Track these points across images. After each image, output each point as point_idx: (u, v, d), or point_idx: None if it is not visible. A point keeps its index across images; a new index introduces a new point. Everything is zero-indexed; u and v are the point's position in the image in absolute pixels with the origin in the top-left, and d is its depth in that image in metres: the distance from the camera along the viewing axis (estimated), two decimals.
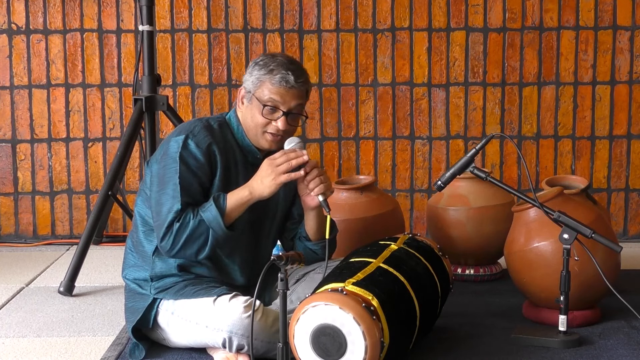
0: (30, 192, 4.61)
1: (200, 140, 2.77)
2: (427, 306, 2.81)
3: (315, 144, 4.60)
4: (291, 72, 2.76)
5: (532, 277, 3.12)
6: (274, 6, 4.51)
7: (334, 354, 2.49)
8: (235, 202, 2.73)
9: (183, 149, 2.75)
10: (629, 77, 4.54)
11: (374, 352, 2.47)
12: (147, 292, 2.84)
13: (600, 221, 3.11)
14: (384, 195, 3.81)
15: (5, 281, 3.84)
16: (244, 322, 2.65)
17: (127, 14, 4.52)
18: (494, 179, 2.92)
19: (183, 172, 2.74)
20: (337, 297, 2.50)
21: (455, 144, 4.60)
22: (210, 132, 2.80)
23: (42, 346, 3.00)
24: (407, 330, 2.66)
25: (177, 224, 2.71)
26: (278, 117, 2.77)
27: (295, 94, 2.77)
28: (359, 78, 4.56)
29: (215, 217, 2.70)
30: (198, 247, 2.73)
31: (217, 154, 2.78)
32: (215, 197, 2.73)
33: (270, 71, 2.77)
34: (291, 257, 2.42)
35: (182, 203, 2.72)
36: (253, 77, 2.80)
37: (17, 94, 4.56)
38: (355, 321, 2.46)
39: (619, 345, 2.91)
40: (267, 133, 2.80)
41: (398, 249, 2.88)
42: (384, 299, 2.56)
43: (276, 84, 2.75)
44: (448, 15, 4.52)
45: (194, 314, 2.74)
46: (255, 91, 2.78)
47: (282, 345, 2.33)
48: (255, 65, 2.81)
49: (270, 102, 2.76)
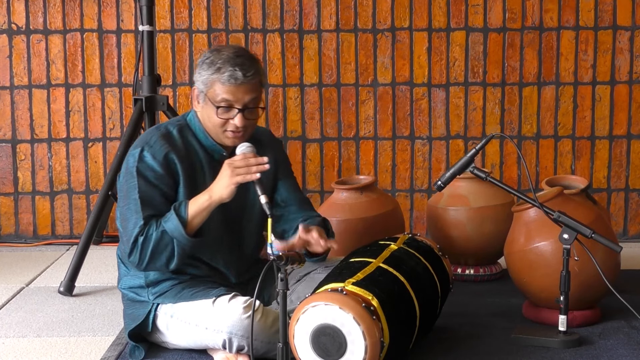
0: (30, 192, 4.61)
1: (156, 151, 2.73)
2: (427, 306, 2.81)
3: (315, 144, 4.60)
4: (239, 67, 2.69)
5: (532, 277, 3.12)
6: (274, 6, 4.51)
7: (334, 354, 2.49)
8: (197, 208, 2.69)
9: (139, 163, 2.72)
10: (629, 77, 4.54)
11: (373, 351, 2.47)
12: (146, 299, 2.84)
13: (600, 221, 3.11)
14: (384, 195, 3.81)
15: (5, 281, 3.84)
16: (243, 323, 2.65)
17: (127, 14, 4.52)
18: (494, 179, 2.92)
19: (142, 186, 2.71)
20: (337, 297, 2.50)
21: (455, 144, 4.60)
22: (168, 140, 2.76)
23: (42, 346, 3.00)
24: (407, 330, 2.66)
25: (141, 237, 2.69)
26: (234, 115, 2.72)
27: (247, 89, 2.71)
28: (359, 78, 4.56)
29: (176, 227, 2.66)
30: (166, 258, 2.70)
31: (177, 162, 2.74)
32: (175, 206, 2.70)
33: (218, 69, 2.69)
34: (291, 257, 2.42)
35: (144, 217, 2.69)
36: (202, 77, 2.73)
37: (17, 94, 4.56)
38: (355, 321, 2.46)
39: (619, 345, 2.91)
40: (228, 131, 2.75)
41: (398, 249, 2.88)
42: (383, 299, 2.56)
43: (226, 83, 2.68)
44: (448, 15, 4.52)
45: (193, 316, 2.74)
46: (207, 92, 2.73)
47: (282, 345, 2.33)
48: (203, 65, 2.74)
49: (223, 102, 2.70)
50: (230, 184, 2.66)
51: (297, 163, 4.58)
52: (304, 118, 4.58)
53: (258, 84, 2.75)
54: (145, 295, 2.84)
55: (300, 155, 4.59)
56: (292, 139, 4.59)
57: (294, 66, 4.55)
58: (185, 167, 2.76)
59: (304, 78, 4.56)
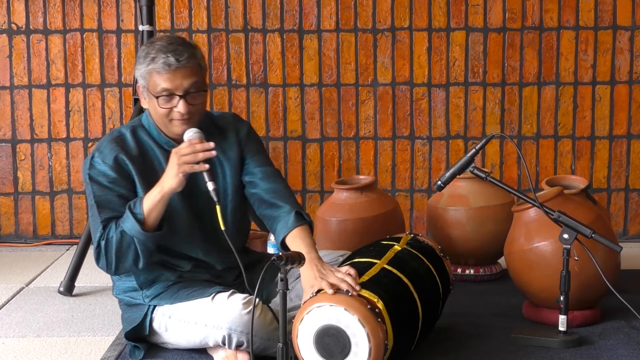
0: (30, 192, 4.61)
1: (105, 156, 2.74)
2: (429, 307, 2.81)
3: (315, 144, 4.60)
4: (171, 53, 2.68)
5: (532, 277, 3.12)
6: (274, 6, 4.51)
7: (337, 355, 2.49)
8: (150, 203, 2.67)
9: (90, 169, 2.74)
10: (629, 77, 4.54)
11: (377, 353, 2.47)
12: (141, 301, 2.84)
13: (600, 221, 3.11)
14: (384, 195, 3.81)
15: (5, 281, 3.84)
16: (243, 319, 2.65)
17: (127, 14, 4.52)
18: (494, 179, 2.92)
19: (96, 191, 2.72)
20: (343, 299, 2.50)
21: (455, 144, 4.60)
22: (118, 143, 2.77)
23: (42, 346, 3.00)
24: (409, 331, 2.66)
25: (103, 242, 2.69)
26: (176, 102, 2.70)
27: (184, 73, 2.69)
28: (359, 78, 4.56)
29: (133, 226, 2.66)
30: (132, 257, 2.70)
31: (127, 162, 2.74)
32: (130, 205, 2.69)
33: (152, 60, 2.69)
34: (291, 257, 2.41)
35: (102, 221, 2.70)
36: (140, 72, 2.74)
37: (17, 94, 4.56)
38: (360, 323, 2.46)
39: (619, 345, 2.91)
40: (174, 120, 2.74)
41: (401, 250, 2.88)
42: (388, 301, 2.56)
43: (161, 71, 2.68)
44: (448, 15, 4.52)
45: (192, 314, 2.74)
46: (148, 85, 2.73)
47: (282, 345, 2.33)
48: (139, 59, 2.75)
49: (163, 91, 2.70)
50: (178, 172, 2.65)
51: (297, 163, 4.58)
52: (304, 118, 4.58)
53: (196, 67, 2.74)
54: (140, 298, 2.84)
55: (300, 155, 4.59)
56: (292, 139, 4.59)
57: (294, 66, 4.55)
58: (139, 167, 2.76)
59: (304, 78, 4.56)
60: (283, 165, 4.55)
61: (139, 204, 2.68)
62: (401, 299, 2.66)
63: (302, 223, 2.79)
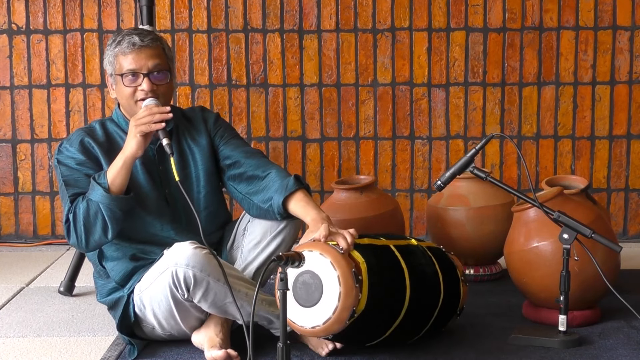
0: (30, 192, 4.61)
1: (72, 141, 2.86)
2: (419, 309, 2.76)
3: (315, 144, 4.60)
4: (136, 34, 2.84)
5: (532, 277, 3.12)
6: (274, 6, 4.51)
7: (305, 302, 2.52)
8: (114, 170, 2.75)
9: (58, 155, 2.86)
10: (628, 77, 4.54)
11: (342, 313, 2.48)
12: (122, 293, 2.89)
13: (600, 221, 3.11)
14: (384, 195, 3.81)
15: (5, 281, 3.84)
16: (189, 253, 2.67)
17: (127, 14, 4.52)
18: (494, 179, 2.92)
19: (64, 171, 2.83)
20: (332, 252, 2.52)
21: (455, 144, 4.60)
22: (86, 130, 2.90)
23: (42, 346, 3.00)
24: (383, 317, 2.63)
25: (71, 215, 2.76)
26: (141, 80, 2.82)
27: (148, 54, 2.82)
28: (359, 78, 4.56)
29: (98, 191, 2.72)
30: (101, 227, 2.74)
31: (94, 145, 2.85)
32: (94, 177, 2.77)
33: (118, 43, 2.84)
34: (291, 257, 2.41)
35: (70, 196, 2.78)
36: (108, 58, 2.87)
37: (17, 94, 4.56)
38: (337, 280, 2.48)
39: (618, 345, 2.91)
40: (139, 101, 2.83)
41: (417, 246, 2.87)
42: (373, 272, 2.56)
43: (126, 51, 2.81)
44: (448, 15, 4.52)
45: (152, 272, 2.78)
46: (115, 69, 2.85)
47: (282, 345, 2.33)
48: (107, 48, 2.89)
49: (128, 71, 2.81)
50: (136, 133, 2.73)
51: (297, 163, 4.58)
52: (304, 118, 4.58)
53: (161, 51, 2.86)
54: (121, 291, 2.89)
55: (300, 155, 4.59)
56: (292, 139, 4.59)
57: (294, 66, 4.55)
58: (105, 152, 2.85)
59: (304, 78, 4.56)
60: (283, 166, 4.55)
61: (103, 175, 2.77)
62: (389, 278, 2.64)
63: (301, 187, 2.82)
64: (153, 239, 2.90)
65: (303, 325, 2.56)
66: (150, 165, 2.90)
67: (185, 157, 2.95)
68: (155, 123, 2.73)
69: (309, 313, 2.54)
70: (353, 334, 2.59)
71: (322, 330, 2.53)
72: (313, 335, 2.60)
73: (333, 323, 2.51)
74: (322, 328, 2.53)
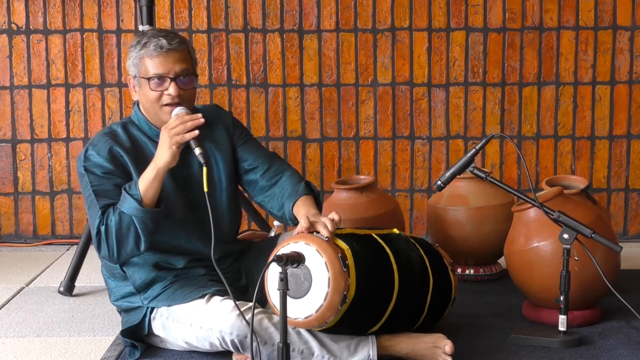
0: (30, 192, 4.61)
1: (100, 149, 2.77)
2: (411, 292, 2.74)
3: (315, 144, 4.60)
4: (162, 37, 2.75)
5: (532, 277, 3.12)
6: (274, 6, 4.51)
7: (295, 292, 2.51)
8: (146, 181, 2.69)
9: (85, 162, 2.78)
10: (629, 77, 4.54)
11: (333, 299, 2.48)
12: (140, 304, 2.84)
13: (600, 221, 3.11)
14: (384, 195, 3.82)
15: (5, 281, 3.84)
16: (232, 321, 2.63)
17: (127, 14, 4.52)
18: (494, 179, 2.92)
19: (93, 180, 2.75)
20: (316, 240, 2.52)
21: (455, 144, 4.60)
22: (111, 136, 2.81)
23: (42, 346, 3.00)
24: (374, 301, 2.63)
25: (102, 227, 2.70)
26: (168, 85, 2.75)
27: (176, 58, 2.75)
28: (359, 78, 4.56)
29: (131, 203, 2.67)
30: (133, 240, 2.70)
31: (123, 154, 2.78)
32: (126, 188, 2.71)
33: (144, 45, 2.76)
34: (291, 257, 2.41)
35: (101, 207, 2.71)
36: (132, 60, 2.79)
37: (17, 94, 4.56)
38: (325, 266, 2.48)
39: (618, 345, 2.91)
40: (164, 106, 2.78)
41: (399, 234, 2.87)
42: (358, 257, 2.56)
43: (153, 54, 2.74)
44: (448, 15, 4.52)
45: (187, 316, 2.74)
46: (139, 72, 2.78)
47: (282, 345, 2.33)
48: (131, 48, 2.81)
49: (154, 74, 2.75)
50: (171, 145, 2.68)
51: (297, 163, 4.58)
52: (304, 118, 4.58)
53: (187, 54, 2.80)
54: (138, 301, 2.85)
55: (300, 155, 4.59)
56: (292, 139, 4.59)
57: (294, 66, 4.55)
58: (133, 159, 2.79)
59: (304, 78, 4.56)
60: None
61: (135, 186, 2.70)
62: (374, 263, 2.64)
63: (308, 193, 2.84)
64: (178, 248, 2.85)
65: (297, 318, 2.55)
66: (175, 172, 2.81)
67: (208, 159, 2.86)
68: (189, 132, 2.69)
69: (300, 304, 2.53)
70: (349, 321, 2.59)
71: (316, 319, 2.53)
72: (308, 326, 2.58)
73: (326, 310, 2.51)
74: (316, 317, 2.52)
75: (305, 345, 2.65)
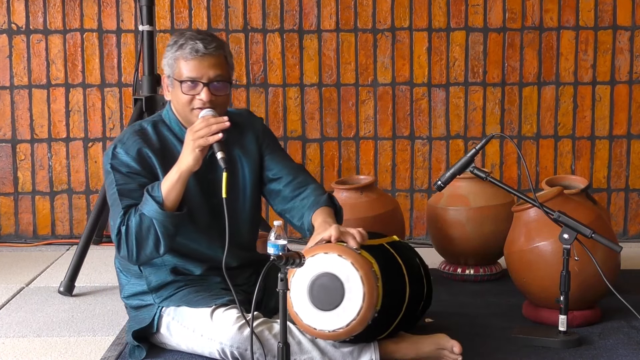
0: (30, 192, 4.61)
1: (129, 147, 2.73)
2: (414, 298, 2.77)
3: (315, 144, 4.60)
4: (200, 40, 2.69)
5: (532, 277, 3.12)
6: (274, 6, 4.51)
7: (327, 305, 2.49)
8: (168, 183, 2.65)
9: (113, 159, 2.72)
10: (629, 77, 4.54)
11: (366, 314, 2.47)
12: (152, 301, 2.83)
13: (600, 221, 3.11)
14: (384, 195, 3.82)
15: (5, 281, 3.84)
16: (232, 334, 2.62)
17: (127, 14, 4.52)
18: (494, 179, 2.92)
19: (119, 179, 2.71)
20: (350, 253, 2.51)
21: (455, 144, 4.60)
22: (141, 135, 2.76)
23: (42, 346, 3.00)
24: (394, 309, 2.64)
25: (123, 227, 2.67)
26: (200, 89, 2.70)
27: (211, 63, 2.70)
28: (359, 78, 4.56)
29: (152, 206, 2.64)
30: (153, 242, 2.67)
31: (151, 155, 2.74)
32: (148, 189, 2.67)
33: (180, 46, 2.70)
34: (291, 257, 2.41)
35: (123, 207, 2.68)
36: (167, 59, 2.74)
37: (17, 94, 4.56)
38: (360, 280, 2.46)
39: (618, 345, 2.91)
40: (195, 109, 2.73)
41: (399, 241, 2.89)
42: (383, 269, 2.56)
43: (188, 57, 2.68)
44: (448, 15, 4.52)
45: (191, 321, 2.73)
46: (174, 72, 2.73)
47: (282, 345, 2.33)
48: (167, 47, 2.75)
49: (188, 77, 2.70)
50: (194, 148, 2.64)
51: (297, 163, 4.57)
52: (304, 118, 4.58)
53: (223, 60, 2.74)
54: (150, 299, 2.83)
55: (300, 155, 4.59)
56: (292, 139, 4.59)
57: (294, 66, 4.55)
58: (161, 160, 2.75)
59: (304, 78, 4.56)
60: None
61: (157, 187, 2.66)
62: (394, 274, 2.64)
63: (329, 205, 2.81)
64: (197, 254, 2.83)
65: (323, 329, 2.53)
66: (200, 175, 2.76)
67: (235, 164, 2.84)
68: (213, 135, 2.63)
69: (328, 316, 2.51)
70: (369, 332, 2.59)
71: (345, 333, 2.51)
72: (333, 338, 2.56)
73: (357, 324, 2.50)
74: (345, 330, 2.51)
75: (306, 355, 2.64)
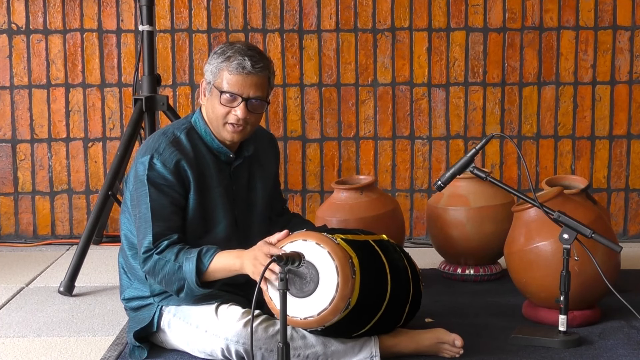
0: (30, 192, 4.61)
1: (166, 159, 2.70)
2: (396, 303, 2.75)
3: (315, 144, 4.60)
4: (248, 57, 2.68)
5: (532, 277, 3.12)
6: (274, 6, 4.51)
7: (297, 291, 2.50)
8: (220, 266, 2.63)
9: (150, 171, 2.69)
10: (629, 77, 4.55)
11: (338, 305, 2.47)
12: (151, 301, 2.83)
13: (600, 221, 3.11)
14: (384, 195, 3.81)
15: (5, 281, 3.84)
16: (238, 329, 2.63)
17: (127, 14, 4.52)
18: (494, 179, 2.92)
19: (153, 194, 2.69)
20: (329, 242, 2.52)
21: (455, 144, 4.60)
22: (178, 147, 2.74)
23: (42, 346, 3.00)
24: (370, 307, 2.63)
25: (156, 255, 2.67)
26: (237, 104, 2.70)
27: (254, 81, 2.69)
28: (359, 78, 4.56)
29: (191, 272, 2.62)
30: (177, 289, 2.68)
31: (188, 169, 2.72)
32: (202, 251, 2.64)
33: (228, 58, 2.69)
34: (291, 257, 2.41)
35: (155, 233, 2.67)
36: (212, 67, 2.73)
37: (17, 94, 4.56)
38: (335, 270, 2.47)
39: (618, 345, 2.91)
40: (228, 124, 2.72)
41: (388, 241, 2.88)
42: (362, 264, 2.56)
43: (233, 71, 2.67)
44: (448, 15, 4.52)
45: (194, 317, 2.74)
46: (215, 81, 2.72)
47: (282, 345, 2.33)
48: (214, 55, 2.74)
49: (228, 90, 2.69)
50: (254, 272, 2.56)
51: (297, 163, 4.58)
52: (304, 118, 4.58)
53: (265, 81, 2.73)
54: (150, 299, 2.84)
55: (300, 155, 4.59)
56: (292, 139, 4.59)
57: (294, 66, 4.55)
58: (195, 172, 2.74)
59: (304, 78, 4.56)
60: (283, 165, 4.55)
61: (210, 255, 2.64)
62: (375, 271, 2.64)
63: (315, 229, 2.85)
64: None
65: (295, 316, 2.53)
66: (226, 187, 2.80)
67: (252, 180, 2.87)
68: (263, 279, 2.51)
69: (301, 304, 2.52)
70: (342, 325, 2.59)
71: (316, 321, 2.52)
72: (305, 326, 2.57)
73: (328, 314, 2.51)
74: (316, 319, 2.52)
75: (311, 350, 2.64)
